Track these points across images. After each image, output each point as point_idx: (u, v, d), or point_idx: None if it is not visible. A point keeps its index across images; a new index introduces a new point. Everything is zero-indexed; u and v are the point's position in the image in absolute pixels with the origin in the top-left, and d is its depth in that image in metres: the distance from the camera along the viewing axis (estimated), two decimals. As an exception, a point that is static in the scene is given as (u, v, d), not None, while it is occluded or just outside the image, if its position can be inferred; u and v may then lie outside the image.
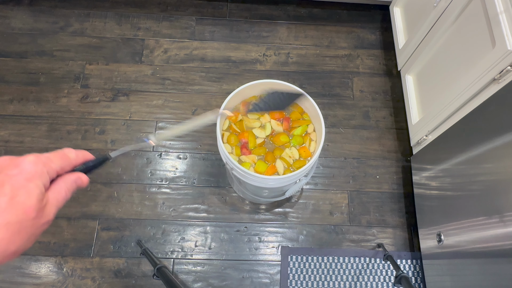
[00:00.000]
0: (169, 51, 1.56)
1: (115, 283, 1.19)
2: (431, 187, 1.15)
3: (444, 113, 1.06)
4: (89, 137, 1.38)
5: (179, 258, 1.23)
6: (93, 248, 1.23)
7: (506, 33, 0.80)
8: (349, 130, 1.45)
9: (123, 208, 1.28)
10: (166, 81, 1.50)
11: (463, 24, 1.00)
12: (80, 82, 1.48)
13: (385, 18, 1.68)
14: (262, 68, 1.55)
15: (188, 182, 1.33)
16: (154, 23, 1.61)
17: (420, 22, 1.23)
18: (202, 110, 1.45)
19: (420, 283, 1.23)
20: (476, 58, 0.92)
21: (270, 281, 1.21)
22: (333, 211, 1.32)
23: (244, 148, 0.96)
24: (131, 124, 1.41)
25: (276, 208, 1.31)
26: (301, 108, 1.02)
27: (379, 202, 1.34)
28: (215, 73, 1.53)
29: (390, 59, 1.60)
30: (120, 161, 1.35)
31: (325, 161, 1.39)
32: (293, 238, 1.28)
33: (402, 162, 1.41)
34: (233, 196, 1.32)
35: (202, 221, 1.28)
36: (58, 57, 1.52)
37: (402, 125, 1.47)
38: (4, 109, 1.41)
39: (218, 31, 1.61)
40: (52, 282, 1.18)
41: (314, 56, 1.59)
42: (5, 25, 1.56)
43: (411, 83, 1.34)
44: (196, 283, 1.20)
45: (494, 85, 0.86)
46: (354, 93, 1.52)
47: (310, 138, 0.99)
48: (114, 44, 1.56)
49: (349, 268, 1.24)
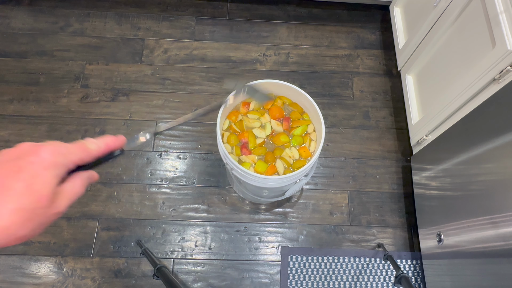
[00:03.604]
0: (169, 51, 1.56)
1: (115, 283, 1.19)
2: (431, 187, 1.15)
3: (444, 113, 1.06)
4: (89, 137, 1.38)
5: (179, 258, 1.23)
6: (93, 248, 1.23)
7: (506, 33, 0.80)
8: (349, 130, 1.45)
9: (123, 208, 1.28)
10: (166, 81, 1.50)
11: (463, 24, 1.00)
12: (80, 82, 1.48)
13: (385, 18, 1.68)
14: (262, 68, 1.55)
15: (188, 182, 1.33)
16: (154, 23, 1.61)
17: (420, 22, 1.23)
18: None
19: (420, 283, 1.23)
20: (476, 58, 0.92)
21: (270, 281, 1.21)
22: (333, 211, 1.32)
23: (244, 148, 0.96)
24: (131, 124, 1.41)
25: (276, 208, 1.31)
26: (301, 108, 1.02)
27: (379, 202, 1.34)
28: (215, 73, 1.53)
29: (390, 59, 1.60)
30: (120, 161, 1.35)
31: (325, 161, 1.39)
32: (293, 238, 1.28)
33: (402, 162, 1.41)
34: (233, 196, 1.32)
35: (202, 221, 1.28)
36: (58, 57, 1.52)
37: (402, 125, 1.47)
38: (4, 109, 1.41)
39: (218, 31, 1.61)
40: (52, 282, 1.18)
41: (314, 56, 1.59)
42: (5, 25, 1.56)
43: (411, 83, 1.34)
44: (196, 283, 1.20)
45: (494, 85, 0.86)
46: (354, 93, 1.52)
47: (310, 138, 0.99)
48: (114, 44, 1.56)
49: (349, 268, 1.24)
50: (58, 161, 0.33)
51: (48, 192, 0.31)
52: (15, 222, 0.30)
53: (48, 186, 0.31)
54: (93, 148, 0.37)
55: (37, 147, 0.33)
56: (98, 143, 0.38)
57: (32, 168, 0.31)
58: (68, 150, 0.34)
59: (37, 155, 0.32)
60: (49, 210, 0.32)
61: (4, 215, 0.29)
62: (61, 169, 0.33)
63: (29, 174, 0.31)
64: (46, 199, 0.31)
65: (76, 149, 0.35)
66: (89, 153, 0.37)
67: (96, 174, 0.38)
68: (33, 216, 0.31)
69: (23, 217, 0.30)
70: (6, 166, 0.31)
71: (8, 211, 0.29)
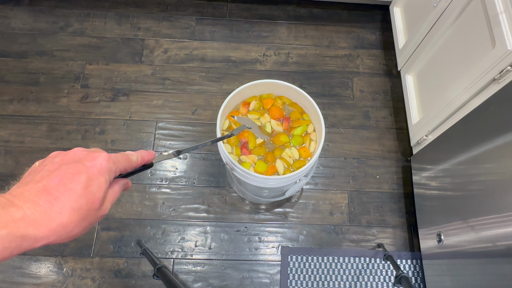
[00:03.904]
0: (169, 51, 1.56)
1: (115, 283, 1.19)
2: (431, 187, 1.15)
3: (444, 113, 1.06)
4: (89, 137, 1.38)
5: (179, 258, 1.23)
6: (93, 248, 1.23)
7: (506, 33, 0.80)
8: (349, 130, 1.45)
9: (123, 208, 1.28)
10: (166, 81, 1.50)
11: (463, 24, 1.00)
12: (80, 82, 1.48)
13: (385, 18, 1.68)
14: (262, 68, 1.55)
15: (188, 182, 1.33)
16: (154, 23, 1.61)
17: (420, 22, 1.23)
18: (202, 110, 1.45)
19: (420, 283, 1.23)
20: (476, 58, 0.92)
21: (270, 281, 1.21)
22: (333, 211, 1.32)
23: (244, 148, 0.96)
24: (131, 124, 1.41)
25: (276, 208, 1.31)
26: (301, 108, 1.02)
27: (379, 202, 1.34)
28: (215, 73, 1.53)
29: (390, 59, 1.60)
30: (120, 161, 1.35)
31: (325, 161, 1.39)
32: (293, 238, 1.28)
33: (402, 162, 1.41)
34: (233, 196, 1.32)
35: (202, 221, 1.28)
36: (58, 57, 1.52)
37: (402, 125, 1.47)
38: (4, 109, 1.41)
39: (218, 31, 1.61)
40: (52, 282, 1.18)
41: (314, 56, 1.59)
42: (5, 25, 1.56)
43: (411, 83, 1.34)
44: (196, 283, 1.20)
45: (494, 85, 0.86)
46: (354, 93, 1.52)
47: (310, 138, 0.99)
48: (114, 44, 1.56)
49: (349, 268, 1.24)
50: (110, 168, 0.36)
51: (101, 195, 0.34)
52: (72, 220, 0.32)
53: (102, 190, 0.34)
54: (134, 160, 0.40)
55: (93, 153, 0.36)
56: (137, 155, 0.41)
57: (90, 172, 0.34)
58: (117, 159, 0.38)
59: (94, 160, 0.35)
60: (98, 212, 0.35)
61: (65, 213, 0.31)
62: (112, 175, 0.36)
63: (87, 177, 0.33)
64: (98, 202, 0.34)
65: (123, 159, 0.39)
66: (131, 163, 0.40)
67: (130, 182, 0.42)
68: (87, 216, 0.33)
69: (79, 216, 0.32)
70: (66, 167, 0.33)
71: (68, 210, 0.31)
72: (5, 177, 1.30)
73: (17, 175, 1.25)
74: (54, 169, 0.33)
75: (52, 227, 0.30)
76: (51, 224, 0.30)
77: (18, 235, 0.28)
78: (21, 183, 0.33)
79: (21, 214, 0.29)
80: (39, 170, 0.34)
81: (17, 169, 1.32)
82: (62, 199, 0.31)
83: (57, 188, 0.32)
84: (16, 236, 0.28)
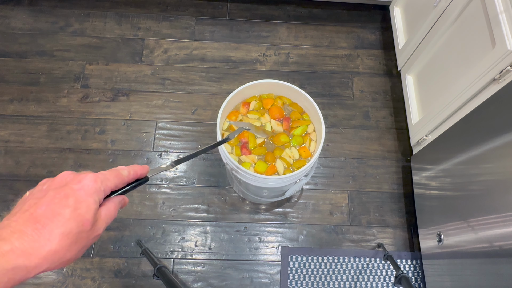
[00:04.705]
0: (169, 51, 1.56)
1: (115, 283, 1.19)
2: (431, 187, 1.15)
3: (444, 113, 1.06)
4: (89, 137, 1.38)
5: (179, 258, 1.23)
6: (93, 248, 1.23)
7: (506, 33, 0.80)
8: (349, 130, 1.45)
9: (123, 208, 1.28)
10: (166, 81, 1.50)
11: (463, 24, 1.00)
12: (80, 82, 1.48)
13: (385, 18, 1.68)
14: (262, 68, 1.55)
15: (188, 182, 1.33)
16: (154, 23, 1.61)
17: (420, 22, 1.23)
18: (202, 110, 1.45)
19: (420, 283, 1.23)
20: (476, 58, 0.92)
21: (270, 281, 1.21)
22: (333, 211, 1.32)
23: (244, 148, 0.96)
24: (131, 124, 1.41)
25: (276, 208, 1.31)
26: (301, 108, 1.02)
27: (379, 202, 1.34)
28: (215, 73, 1.53)
29: (390, 59, 1.60)
30: (120, 161, 1.35)
31: (325, 161, 1.39)
32: (293, 238, 1.28)
33: (402, 162, 1.41)
34: (233, 196, 1.32)
35: (202, 221, 1.28)
36: (58, 57, 1.52)
37: (402, 125, 1.47)
38: (4, 109, 1.41)
39: (218, 31, 1.61)
40: (52, 282, 1.18)
41: (314, 56, 1.59)
42: (5, 25, 1.56)
43: (411, 83, 1.34)
44: (196, 283, 1.20)
45: (494, 85, 0.86)
46: (354, 93, 1.52)
47: (310, 138, 0.99)
48: (114, 44, 1.56)
49: (349, 268, 1.24)
50: (98, 188, 0.35)
51: (91, 216, 0.34)
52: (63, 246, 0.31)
53: (91, 211, 0.34)
54: (125, 175, 0.40)
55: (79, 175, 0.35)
56: (128, 169, 0.40)
57: (77, 194, 0.33)
58: (105, 177, 0.37)
59: (80, 182, 0.34)
60: (91, 233, 0.34)
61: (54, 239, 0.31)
62: (101, 195, 0.36)
63: (74, 200, 0.33)
64: (89, 223, 0.33)
65: (112, 176, 0.38)
66: (122, 179, 0.39)
67: (126, 198, 0.41)
68: (78, 239, 0.33)
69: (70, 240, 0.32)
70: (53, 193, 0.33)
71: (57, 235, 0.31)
72: (5, 177, 1.30)
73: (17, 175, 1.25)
74: (42, 196, 0.33)
75: (42, 255, 0.30)
76: (41, 252, 0.30)
77: (9, 268, 0.28)
78: (10, 214, 0.32)
79: (10, 247, 0.28)
80: (28, 199, 0.33)
81: (17, 169, 1.32)
82: (50, 225, 0.31)
83: (44, 215, 0.31)
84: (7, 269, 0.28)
